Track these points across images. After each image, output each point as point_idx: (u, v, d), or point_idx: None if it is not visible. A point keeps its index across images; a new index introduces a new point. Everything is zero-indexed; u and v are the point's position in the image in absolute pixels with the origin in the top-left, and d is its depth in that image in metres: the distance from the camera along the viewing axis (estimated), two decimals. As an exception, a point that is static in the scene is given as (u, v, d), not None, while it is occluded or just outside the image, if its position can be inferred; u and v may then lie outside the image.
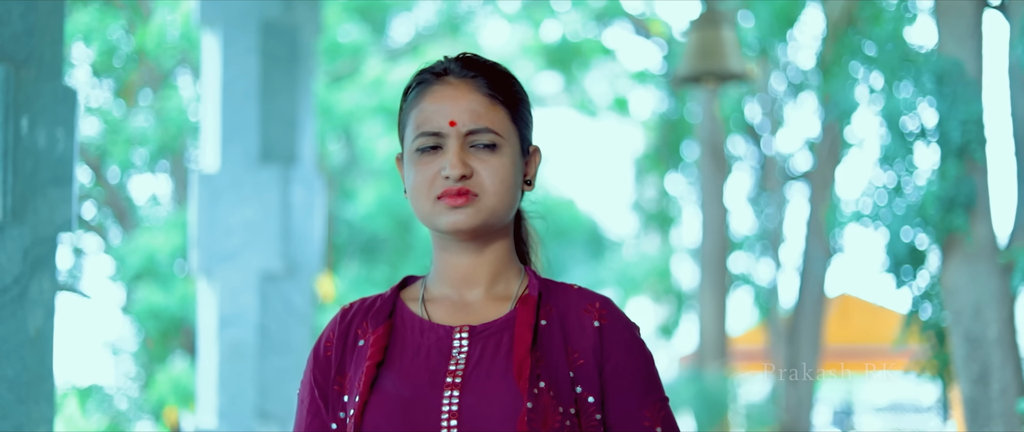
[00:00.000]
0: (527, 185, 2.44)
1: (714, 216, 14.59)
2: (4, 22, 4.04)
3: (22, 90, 4.03)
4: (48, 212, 4.17)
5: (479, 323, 2.37)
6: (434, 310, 2.42)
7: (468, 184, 2.34)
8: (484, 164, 2.35)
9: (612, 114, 20.29)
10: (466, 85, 2.39)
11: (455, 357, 2.33)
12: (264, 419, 7.15)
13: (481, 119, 2.37)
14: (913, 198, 6.16)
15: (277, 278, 7.28)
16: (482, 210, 2.35)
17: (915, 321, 6.66)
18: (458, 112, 2.36)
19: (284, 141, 7.35)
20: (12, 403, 3.95)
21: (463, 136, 2.35)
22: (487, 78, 2.41)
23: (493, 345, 2.33)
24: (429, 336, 2.37)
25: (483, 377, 2.29)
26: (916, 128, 6.20)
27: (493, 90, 2.40)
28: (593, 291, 2.40)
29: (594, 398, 2.32)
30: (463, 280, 2.42)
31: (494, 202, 2.35)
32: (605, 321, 2.37)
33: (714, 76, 7.71)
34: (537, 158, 2.46)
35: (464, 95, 2.38)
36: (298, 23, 7.46)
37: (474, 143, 2.36)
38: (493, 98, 2.39)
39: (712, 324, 14.38)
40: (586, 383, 2.32)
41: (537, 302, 2.37)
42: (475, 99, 2.38)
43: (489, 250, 2.41)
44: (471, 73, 2.41)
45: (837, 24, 10.95)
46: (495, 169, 2.36)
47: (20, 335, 3.99)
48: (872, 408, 22.33)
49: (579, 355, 2.33)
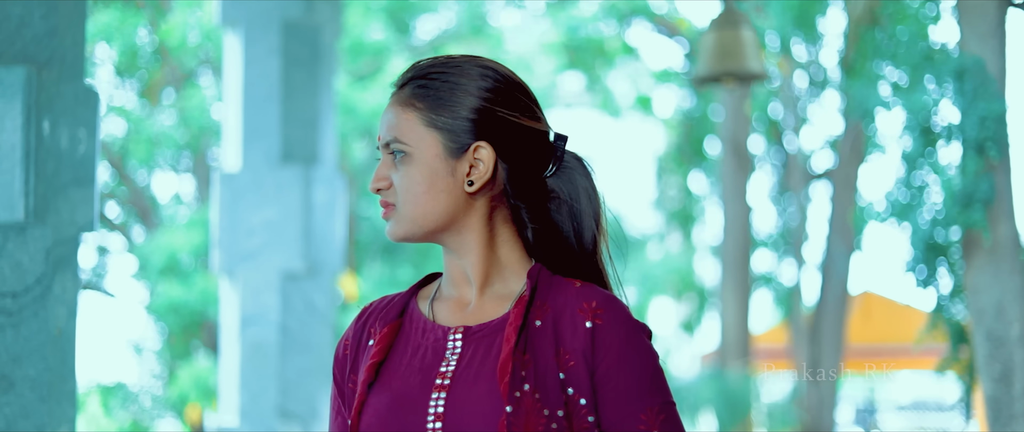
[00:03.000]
0: (469, 186, 2.34)
1: (736, 214, 14.55)
2: (26, 24, 4.06)
3: (44, 91, 4.04)
4: (70, 213, 4.19)
5: (476, 324, 2.35)
6: (440, 310, 2.40)
7: (385, 196, 2.36)
8: (397, 174, 2.35)
9: (635, 113, 20.26)
10: (393, 98, 2.39)
11: (447, 358, 2.31)
12: (286, 418, 7.17)
13: (392, 130, 2.35)
14: (937, 196, 6.14)
15: (299, 278, 7.29)
16: (401, 220, 2.34)
17: (939, 320, 6.64)
18: (382, 126, 2.37)
19: (305, 141, 7.36)
20: (34, 402, 3.97)
21: (384, 149, 2.37)
22: (411, 84, 2.38)
23: (485, 347, 2.31)
24: (429, 336, 2.36)
25: (471, 379, 2.27)
26: (939, 126, 6.18)
27: (412, 96, 2.36)
28: (596, 289, 2.34)
29: (586, 400, 2.27)
30: (457, 280, 2.40)
31: (410, 211, 2.33)
32: (599, 321, 2.30)
33: (733, 76, 7.69)
34: (485, 154, 2.34)
35: (389, 108, 2.38)
36: (319, 23, 7.47)
37: (393, 151, 2.36)
38: (408, 105, 2.35)
39: (734, 323, 14.34)
40: (577, 385, 2.27)
41: (528, 303, 2.33)
42: (393, 111, 2.37)
43: (462, 252, 2.38)
44: (399, 83, 2.40)
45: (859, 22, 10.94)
46: (402, 178, 2.34)
47: (42, 335, 4.01)
48: (895, 407, 22.28)
49: (570, 356, 2.28)
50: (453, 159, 2.33)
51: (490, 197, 2.37)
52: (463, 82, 2.35)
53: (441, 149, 2.33)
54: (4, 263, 3.95)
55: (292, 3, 7.39)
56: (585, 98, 20.66)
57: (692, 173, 19.57)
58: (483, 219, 2.37)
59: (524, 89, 2.41)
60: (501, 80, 2.38)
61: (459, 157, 2.33)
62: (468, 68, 2.37)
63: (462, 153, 2.33)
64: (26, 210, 3.96)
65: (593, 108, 20.64)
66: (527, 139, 2.39)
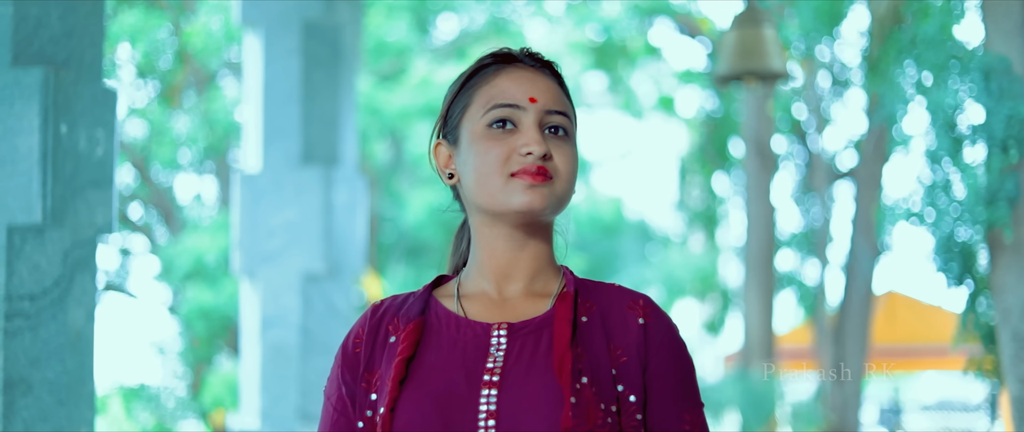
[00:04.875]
0: None
1: (760, 215, 14.50)
2: (43, 24, 4.04)
3: (62, 92, 4.02)
4: (88, 214, 4.17)
5: (517, 320, 2.31)
6: (470, 306, 2.36)
7: (547, 164, 2.30)
8: (558, 149, 2.32)
9: (657, 113, 20.24)
10: (540, 71, 2.38)
11: (493, 355, 2.27)
12: (306, 420, 7.14)
13: (559, 103, 2.35)
14: (962, 196, 6.10)
15: (319, 279, 7.27)
16: (554, 193, 2.31)
17: (969, 320, 6.59)
18: (538, 91, 2.34)
19: (326, 142, 7.34)
20: (52, 406, 3.95)
21: (542, 114, 2.33)
22: (551, 68, 2.40)
23: (532, 343, 2.27)
24: (466, 333, 2.31)
25: (522, 375, 2.23)
26: (964, 126, 6.15)
27: (559, 82, 2.39)
28: (633, 290, 2.35)
29: (636, 397, 2.26)
30: (503, 274, 2.36)
31: (564, 188, 2.32)
32: (650, 319, 2.31)
33: (755, 75, 7.64)
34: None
35: (541, 78, 2.36)
36: (340, 23, 7.45)
37: (548, 125, 2.33)
38: (562, 88, 2.38)
39: (758, 323, 14.30)
40: (628, 381, 2.26)
41: (574, 299, 2.32)
42: (550, 85, 2.37)
43: (531, 244, 2.35)
44: (537, 59, 2.40)
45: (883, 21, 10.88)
46: (568, 156, 2.33)
47: (60, 337, 3.99)
48: (920, 407, 22.20)
49: (623, 352, 2.27)
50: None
51: None
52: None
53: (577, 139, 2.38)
54: (22, 265, 3.92)
55: (312, 3, 7.37)
56: (607, 99, 20.65)
57: (715, 174, 19.54)
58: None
59: None
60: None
61: None
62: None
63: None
64: (44, 212, 3.94)
65: (616, 109, 20.63)
66: None
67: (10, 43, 3.97)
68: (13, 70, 3.96)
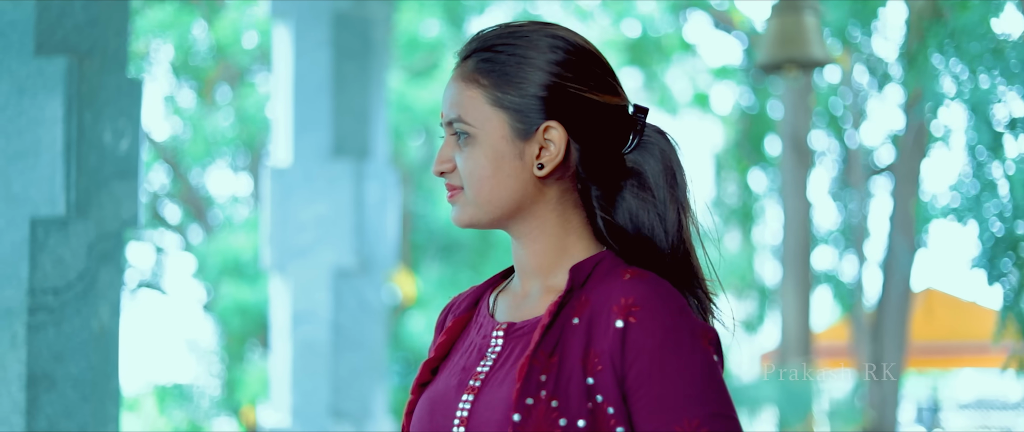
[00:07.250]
0: (538, 169, 2.14)
1: (797, 211, 14.39)
2: (66, 13, 3.97)
3: (86, 83, 3.96)
4: (113, 207, 4.10)
5: (521, 320, 2.17)
6: (500, 304, 2.24)
7: (450, 179, 2.17)
8: (460, 156, 2.15)
9: (693, 110, 20.15)
10: (456, 71, 2.19)
11: (487, 357, 2.15)
12: (338, 417, 7.08)
13: (454, 108, 2.16)
14: (1003, 190, 6.02)
15: (351, 274, 7.20)
16: (466, 205, 2.16)
17: (1008, 317, 6.49)
18: (445, 103, 2.18)
19: (357, 135, 7.27)
20: (76, 402, 3.89)
21: (448, 128, 2.18)
22: (475, 57, 2.18)
23: (521, 346, 2.12)
24: (481, 332, 2.20)
25: (498, 381, 2.09)
26: (1004, 119, 6.06)
27: (477, 71, 2.16)
28: (646, 281, 2.10)
29: (615, 409, 2.03)
30: (521, 271, 2.21)
31: (474, 195, 2.14)
32: (633, 320, 2.05)
33: (796, 64, 7.52)
34: (556, 135, 2.14)
35: (451, 82, 2.18)
36: (370, 15, 7.39)
37: (457, 132, 2.17)
38: (472, 82, 2.16)
39: (795, 320, 14.19)
40: (605, 392, 2.03)
41: (562, 299, 2.12)
42: (456, 86, 2.17)
43: (529, 240, 2.18)
44: (462, 55, 2.20)
45: (921, 14, 10.78)
46: (466, 161, 2.14)
47: (85, 332, 3.93)
48: (958, 405, 22.08)
49: (598, 360, 2.05)
50: (521, 141, 2.14)
51: (561, 180, 2.17)
52: (531, 55, 2.15)
53: (508, 130, 2.14)
54: (46, 259, 3.86)
55: (343, -6, 7.32)
56: (642, 95, 20.58)
57: (751, 170, 19.44)
58: (552, 205, 2.18)
59: (599, 59, 2.20)
60: (573, 51, 2.16)
61: (528, 139, 2.14)
62: (536, 39, 2.16)
63: (531, 134, 2.13)
64: (68, 204, 3.87)
65: (651, 105, 20.53)
66: (603, 116, 2.18)
67: (33, 32, 3.90)
68: (36, 60, 3.89)
